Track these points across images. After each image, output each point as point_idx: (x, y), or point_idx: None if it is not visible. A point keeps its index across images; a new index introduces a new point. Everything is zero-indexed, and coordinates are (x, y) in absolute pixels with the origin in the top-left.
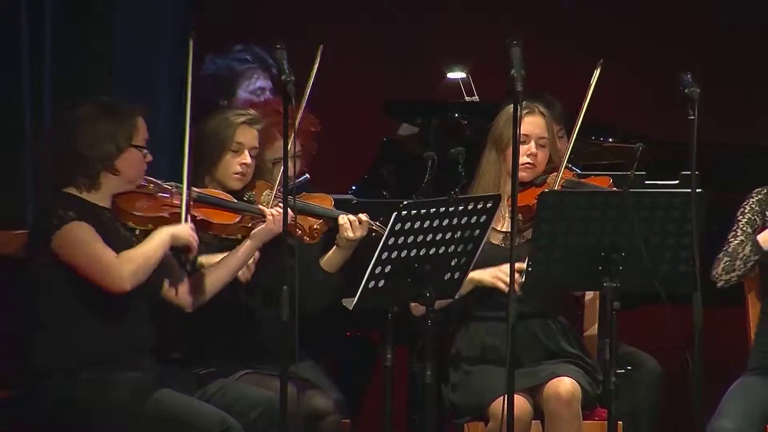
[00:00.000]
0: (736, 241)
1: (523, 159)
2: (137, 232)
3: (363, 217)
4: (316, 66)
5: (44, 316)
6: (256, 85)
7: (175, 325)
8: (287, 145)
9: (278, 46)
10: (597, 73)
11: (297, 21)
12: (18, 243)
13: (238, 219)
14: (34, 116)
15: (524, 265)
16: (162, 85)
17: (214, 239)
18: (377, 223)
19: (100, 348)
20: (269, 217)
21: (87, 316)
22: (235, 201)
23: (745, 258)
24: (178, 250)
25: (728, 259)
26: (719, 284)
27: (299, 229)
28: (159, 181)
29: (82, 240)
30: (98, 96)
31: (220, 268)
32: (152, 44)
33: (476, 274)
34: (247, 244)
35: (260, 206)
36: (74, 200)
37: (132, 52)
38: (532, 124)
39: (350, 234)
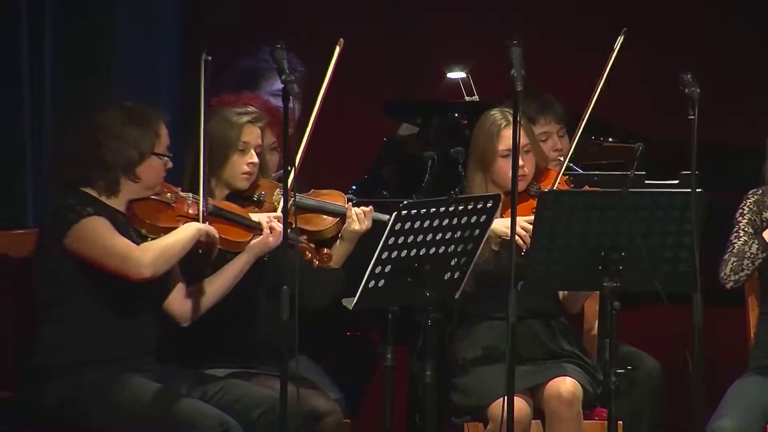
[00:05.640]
0: (740, 241)
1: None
2: (149, 240)
3: (365, 208)
4: (333, 62)
5: (50, 312)
6: (275, 87)
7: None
8: (287, 146)
9: (278, 46)
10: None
11: (297, 21)
12: (18, 243)
13: (250, 237)
14: (34, 116)
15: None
16: (162, 85)
17: (219, 258)
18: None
19: (105, 347)
20: (266, 230)
21: (93, 314)
22: (250, 218)
23: (752, 256)
24: (198, 255)
25: (735, 259)
26: (729, 285)
27: (309, 252)
28: (177, 189)
29: (100, 232)
30: (122, 101)
31: (216, 281)
32: (152, 44)
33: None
34: (242, 258)
35: (259, 218)
36: (91, 199)
37: (132, 52)
38: (512, 136)
39: (357, 226)
